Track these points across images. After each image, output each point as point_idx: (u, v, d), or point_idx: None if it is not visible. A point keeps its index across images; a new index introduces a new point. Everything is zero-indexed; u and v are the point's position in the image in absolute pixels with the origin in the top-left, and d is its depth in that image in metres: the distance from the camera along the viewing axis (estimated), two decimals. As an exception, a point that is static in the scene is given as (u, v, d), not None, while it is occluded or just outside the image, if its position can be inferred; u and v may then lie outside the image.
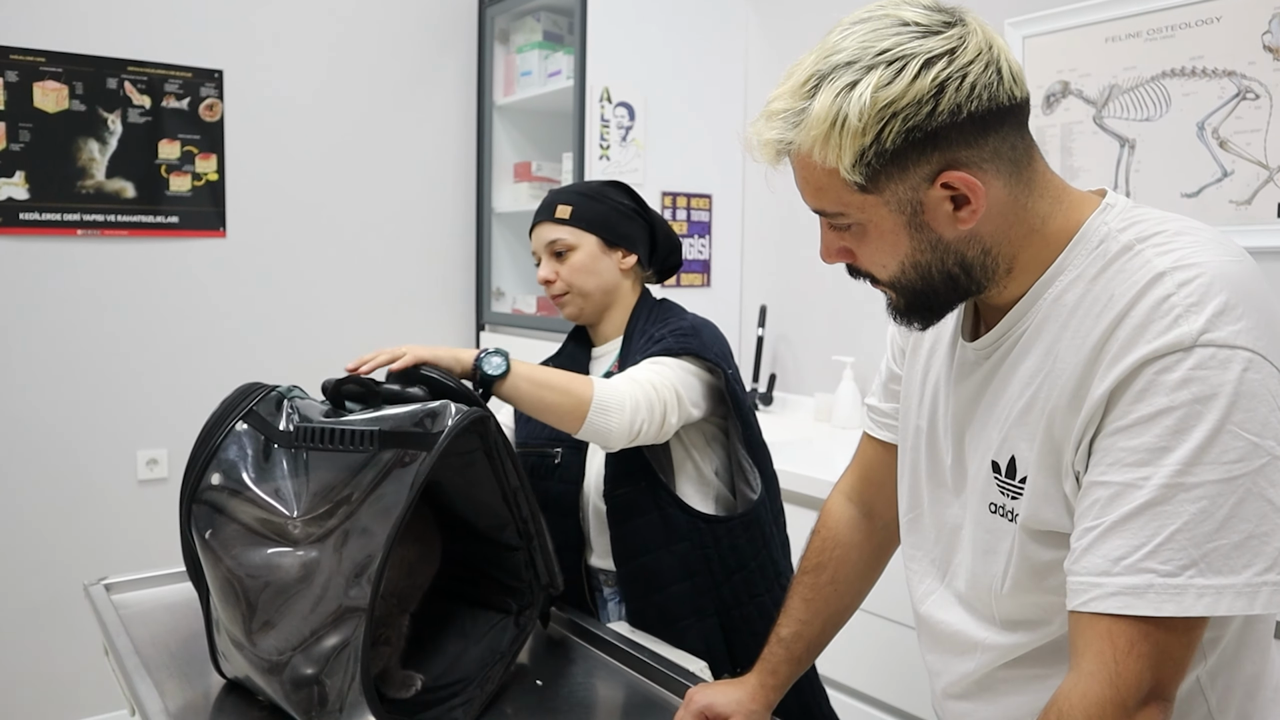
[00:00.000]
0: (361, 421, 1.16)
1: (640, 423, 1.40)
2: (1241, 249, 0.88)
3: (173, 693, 1.28)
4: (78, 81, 2.71)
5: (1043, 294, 0.92)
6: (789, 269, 3.04)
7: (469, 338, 3.41)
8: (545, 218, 1.66)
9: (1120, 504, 0.80)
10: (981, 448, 0.97)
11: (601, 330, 1.69)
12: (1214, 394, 0.78)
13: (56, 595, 2.74)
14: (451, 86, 3.31)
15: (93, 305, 2.77)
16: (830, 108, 0.84)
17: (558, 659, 1.41)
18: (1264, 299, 0.82)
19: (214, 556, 1.18)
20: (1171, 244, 0.85)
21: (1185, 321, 0.79)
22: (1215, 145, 2.09)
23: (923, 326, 0.98)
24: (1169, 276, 0.82)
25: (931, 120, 0.83)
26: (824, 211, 0.92)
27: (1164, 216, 0.90)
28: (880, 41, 0.84)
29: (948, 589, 1.07)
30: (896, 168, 0.85)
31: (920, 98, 0.83)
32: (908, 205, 0.88)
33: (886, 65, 0.83)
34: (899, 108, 0.83)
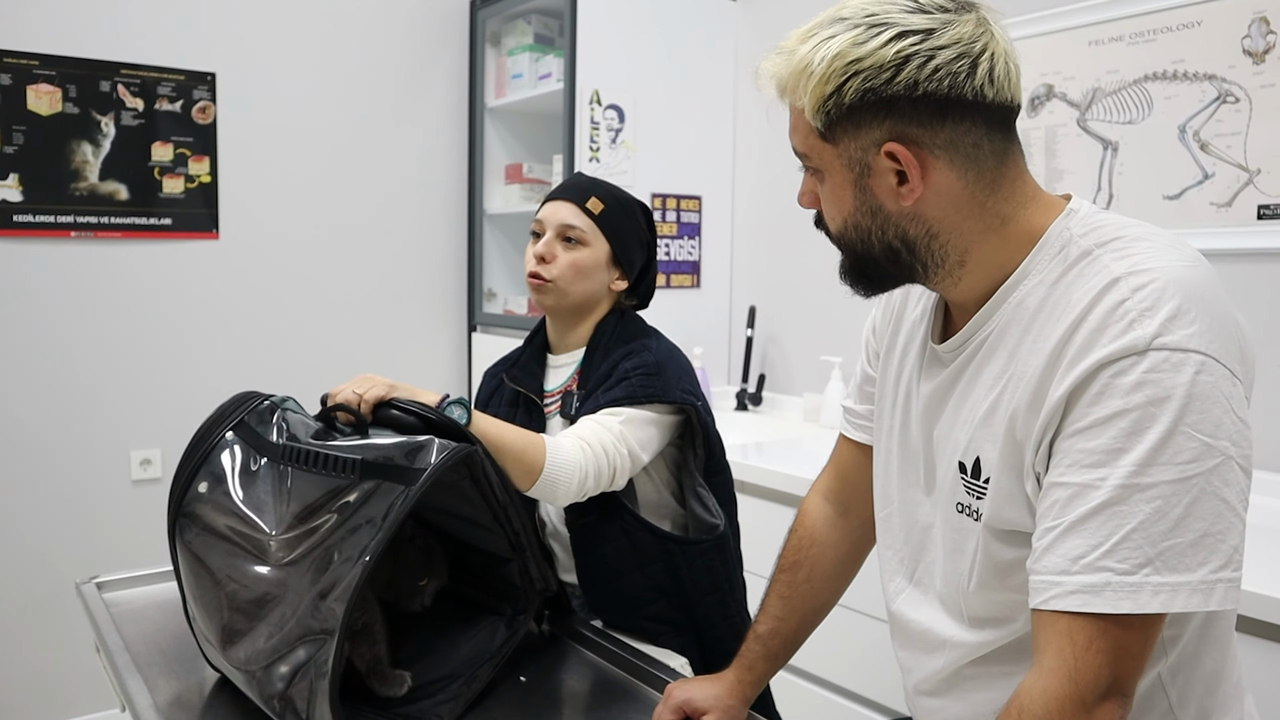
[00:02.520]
0: (346, 448, 1.16)
1: (588, 489, 1.41)
2: (1197, 254, 0.90)
3: (163, 690, 1.29)
4: (71, 84, 2.72)
5: (1007, 298, 0.94)
6: (778, 270, 3.06)
7: (460, 339, 3.43)
8: (574, 199, 1.59)
9: (1078, 504, 0.83)
10: (949, 448, 1.00)
11: (565, 338, 1.63)
12: (1167, 396, 0.80)
13: (50, 594, 2.76)
14: (443, 89, 3.33)
15: (86, 307, 2.79)
16: (809, 54, 0.91)
17: (541, 655, 1.43)
18: (1216, 303, 0.85)
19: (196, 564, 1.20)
20: (1128, 249, 0.88)
21: (1139, 325, 0.81)
22: (1196, 148, 2.11)
23: (865, 294, 1.03)
24: (1124, 281, 0.84)
25: (888, 88, 0.88)
26: (796, 151, 0.99)
27: (1124, 222, 0.93)
28: (877, 7, 0.90)
29: (916, 587, 1.09)
30: (851, 124, 0.91)
31: (882, 63, 0.88)
32: (857, 164, 0.93)
33: (867, 28, 0.89)
34: (861, 67, 0.88)
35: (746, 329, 3.03)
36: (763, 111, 3.09)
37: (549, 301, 1.59)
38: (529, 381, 1.61)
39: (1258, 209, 2.03)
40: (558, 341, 1.65)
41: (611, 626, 1.54)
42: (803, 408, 2.92)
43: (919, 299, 1.12)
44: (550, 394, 1.62)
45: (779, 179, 3.05)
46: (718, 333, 3.17)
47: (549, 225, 1.59)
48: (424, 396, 1.28)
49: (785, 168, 3.02)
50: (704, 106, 3.10)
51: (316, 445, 1.17)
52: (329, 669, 1.06)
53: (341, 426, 1.24)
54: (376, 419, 1.24)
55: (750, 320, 3.02)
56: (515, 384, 1.62)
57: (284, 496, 1.16)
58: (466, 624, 1.34)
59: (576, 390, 1.55)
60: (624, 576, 1.51)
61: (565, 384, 1.60)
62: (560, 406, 1.57)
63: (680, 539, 1.54)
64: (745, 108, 3.15)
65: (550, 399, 1.61)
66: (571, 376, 1.60)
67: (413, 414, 1.23)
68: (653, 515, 1.56)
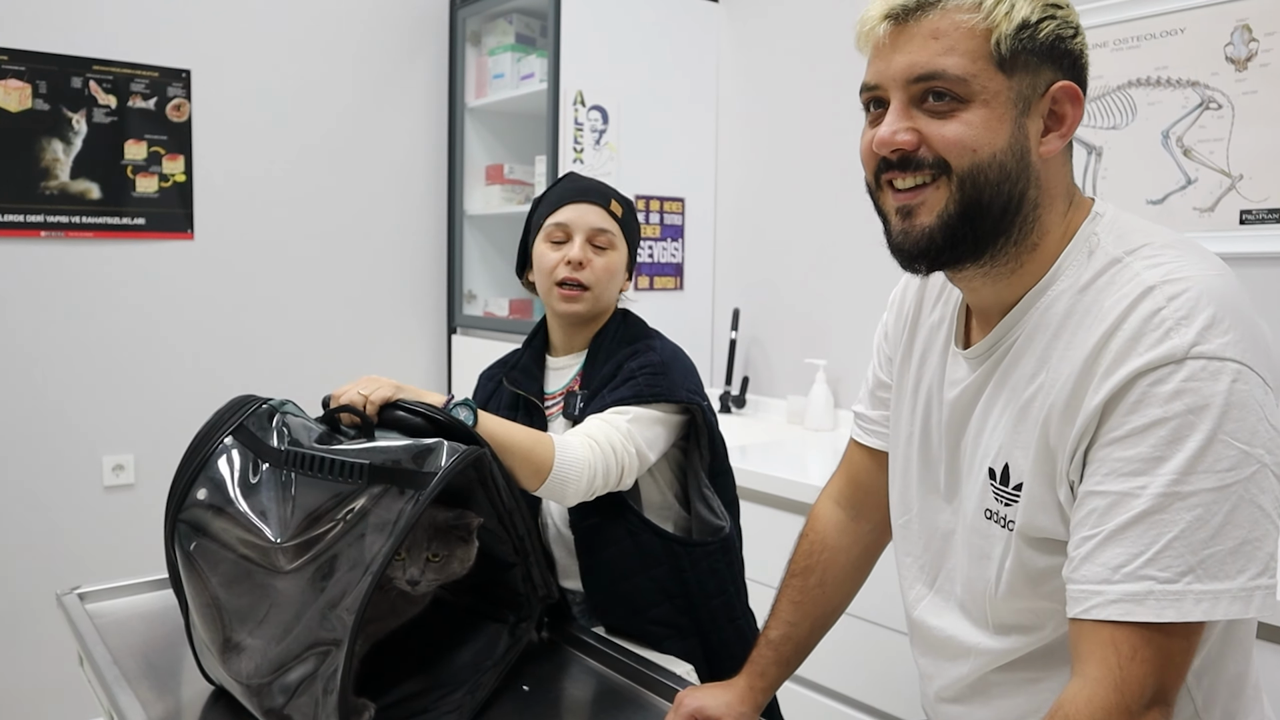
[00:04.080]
0: (352, 452, 1.13)
1: (597, 487, 1.40)
2: (1223, 264, 0.90)
3: (155, 703, 1.26)
4: (41, 80, 2.66)
5: (1036, 302, 0.94)
6: (761, 272, 3.06)
7: (440, 341, 3.39)
8: (599, 202, 1.57)
9: (1118, 513, 0.83)
10: (978, 455, 0.99)
11: (571, 341, 1.62)
12: (1206, 404, 0.80)
13: (22, 604, 2.69)
14: (422, 88, 3.30)
15: (57, 308, 2.73)
16: None
17: (545, 663, 1.41)
18: (1247, 312, 0.85)
19: (195, 573, 1.17)
20: (1158, 257, 0.88)
21: (1176, 334, 0.82)
22: (1179, 153, 2.13)
23: (926, 268, 0.97)
24: (1158, 290, 0.84)
25: (1071, 43, 0.92)
26: (936, 74, 0.91)
27: (1149, 229, 0.93)
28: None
29: (937, 594, 1.09)
30: (1034, 58, 0.90)
31: (1070, 20, 0.92)
32: (1022, 101, 0.91)
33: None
34: (1058, 14, 0.91)
35: (730, 331, 3.03)
36: (744, 113, 3.09)
37: (583, 307, 1.55)
38: (529, 385, 1.59)
39: (1240, 214, 2.06)
40: (562, 344, 1.63)
41: (615, 631, 1.53)
42: (786, 410, 2.92)
43: (934, 303, 1.11)
44: (551, 396, 1.60)
45: (762, 181, 3.04)
46: (701, 335, 3.16)
47: (578, 229, 1.55)
48: (430, 398, 1.26)
49: (767, 169, 3.02)
50: (687, 108, 3.09)
51: (321, 450, 1.14)
52: (338, 683, 1.04)
53: (346, 429, 1.21)
54: (382, 420, 1.22)
55: (734, 323, 3.02)
56: (515, 387, 1.60)
57: (288, 503, 1.13)
58: (469, 632, 1.32)
59: (579, 390, 1.54)
60: (629, 578, 1.50)
61: (566, 386, 1.59)
62: (563, 408, 1.56)
63: (685, 541, 1.53)
64: (728, 109, 3.15)
65: (551, 401, 1.60)
66: (573, 378, 1.59)
67: (419, 415, 1.21)
68: (656, 517, 1.55)
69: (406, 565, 1.16)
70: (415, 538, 1.15)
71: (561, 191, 1.59)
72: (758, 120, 3.06)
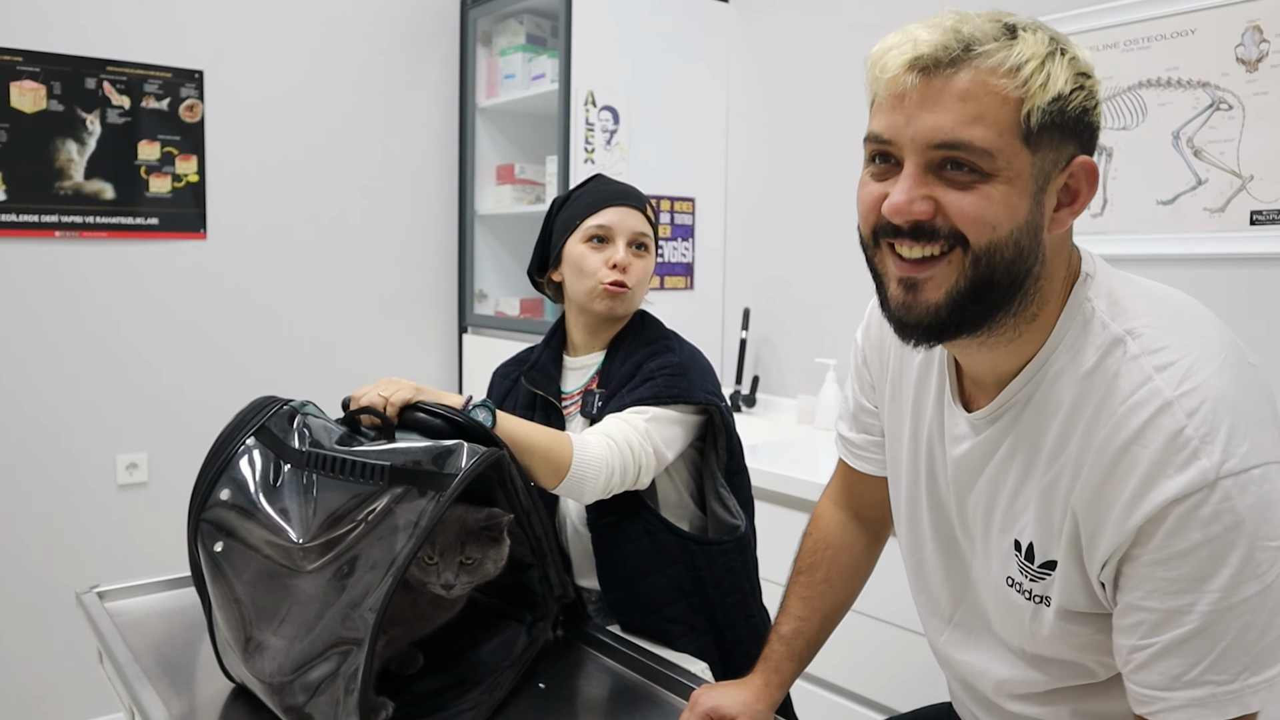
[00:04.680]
0: (373, 453, 1.15)
1: (614, 486, 1.41)
2: (1219, 328, 0.90)
3: (173, 700, 1.27)
4: (56, 81, 2.68)
5: (1036, 374, 0.93)
6: (771, 272, 3.07)
7: (451, 340, 3.41)
8: (637, 207, 1.61)
9: (1169, 628, 0.85)
10: (996, 522, 0.99)
11: (593, 340, 1.64)
12: (1241, 520, 0.82)
13: (37, 600, 2.71)
14: (433, 88, 3.31)
15: (71, 308, 2.75)
16: (1047, 45, 0.84)
17: (560, 661, 1.42)
18: (1255, 394, 0.86)
19: (219, 573, 1.18)
20: (1163, 346, 0.87)
21: (1204, 455, 0.82)
22: (1190, 154, 2.14)
23: (926, 345, 0.93)
24: (1176, 406, 0.84)
25: (1093, 114, 0.87)
26: (962, 145, 0.84)
27: (1138, 291, 0.92)
28: (1055, 29, 0.88)
29: (958, 629, 1.10)
30: (1059, 133, 0.86)
31: (1095, 90, 0.87)
32: (1043, 177, 0.86)
33: (1071, 43, 0.87)
34: (1086, 84, 0.86)
35: (740, 331, 3.04)
36: (755, 113, 3.10)
37: (624, 308, 1.59)
38: (547, 384, 1.61)
39: (1250, 214, 2.06)
40: (582, 344, 1.65)
41: (630, 629, 1.54)
42: (797, 409, 2.93)
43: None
44: (568, 396, 1.62)
45: (772, 181, 3.05)
46: (711, 335, 3.17)
47: (620, 232, 1.58)
48: (449, 399, 1.27)
49: (777, 169, 3.03)
50: (698, 108, 3.10)
51: (342, 451, 1.15)
52: (359, 682, 1.05)
53: (366, 430, 1.23)
54: (402, 422, 1.24)
55: (744, 322, 3.03)
56: (534, 386, 1.61)
57: (309, 504, 1.14)
58: (486, 631, 1.33)
59: (597, 390, 1.55)
60: (645, 576, 1.51)
61: (584, 385, 1.61)
62: (581, 406, 1.57)
63: (701, 540, 1.55)
64: (738, 109, 3.16)
65: (568, 401, 1.61)
66: (591, 378, 1.61)
67: (439, 417, 1.23)
68: (672, 516, 1.57)
69: (440, 569, 1.17)
70: (448, 541, 1.16)
71: (600, 193, 1.61)
72: (768, 120, 3.07)
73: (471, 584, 1.21)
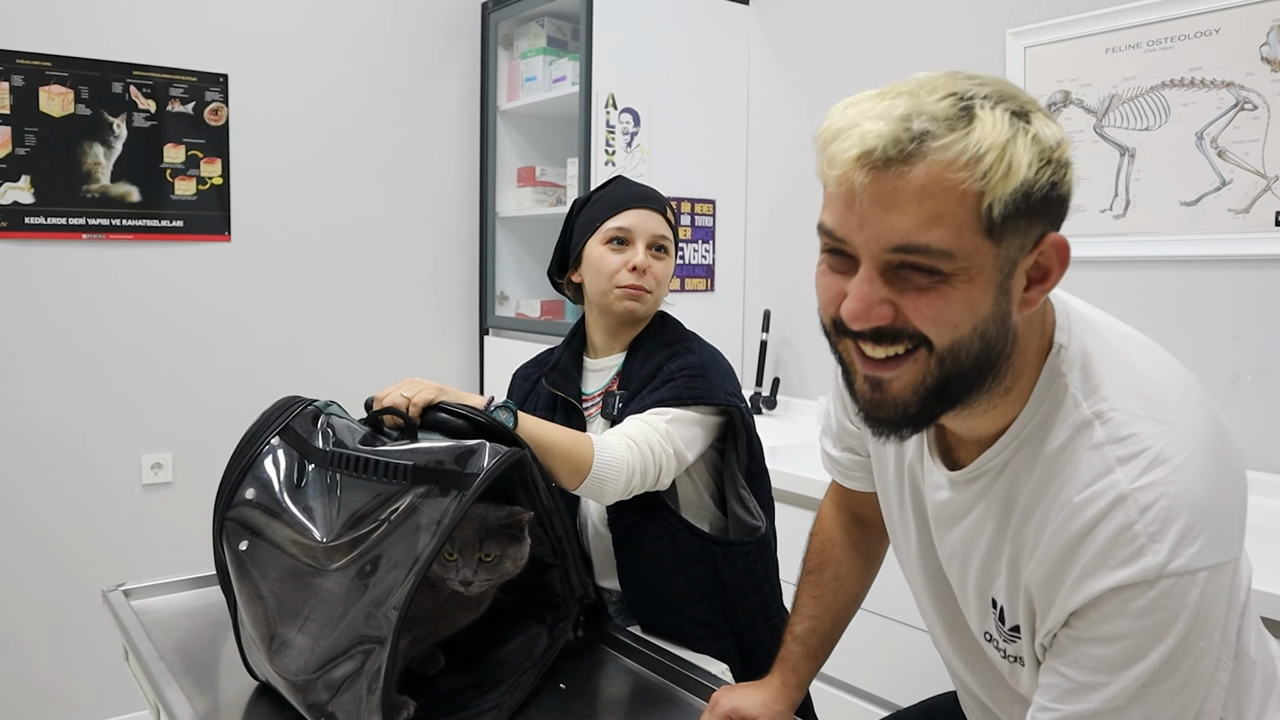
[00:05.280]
0: (396, 453, 1.16)
1: (634, 487, 1.42)
2: (1204, 415, 0.87)
3: (197, 697, 1.29)
4: (83, 85, 2.71)
5: (1010, 444, 0.92)
6: (792, 273, 3.07)
7: (472, 342, 3.42)
8: (657, 209, 1.61)
9: (1076, 700, 0.85)
10: (972, 576, 0.99)
11: (613, 342, 1.64)
12: (1174, 619, 0.80)
13: (64, 600, 2.74)
14: (455, 91, 3.33)
15: (97, 309, 2.78)
16: (1008, 126, 0.77)
17: (581, 662, 1.43)
18: (1223, 489, 0.83)
19: (244, 571, 1.20)
20: (1131, 434, 0.84)
21: (1148, 553, 0.80)
22: (1214, 155, 2.12)
23: (901, 435, 0.89)
24: (1130, 501, 0.82)
25: (1062, 186, 0.80)
26: (919, 249, 0.79)
27: (1122, 366, 0.89)
28: (1018, 92, 0.80)
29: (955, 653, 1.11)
30: (1025, 218, 0.79)
31: (1064, 159, 0.79)
32: (1008, 265, 0.81)
33: (1037, 110, 0.79)
34: (1053, 157, 0.78)
35: (761, 333, 3.04)
36: (775, 114, 3.10)
37: (644, 308, 1.59)
38: (568, 386, 1.61)
39: (1275, 215, 2.04)
40: (602, 345, 1.65)
41: (650, 630, 1.55)
42: (817, 411, 2.92)
43: None
44: (589, 397, 1.62)
45: (792, 182, 3.05)
46: (731, 337, 3.17)
47: (639, 235, 1.59)
48: (471, 400, 1.28)
49: (797, 171, 3.03)
50: (718, 110, 3.10)
51: (365, 451, 1.17)
52: (381, 680, 1.06)
53: (389, 430, 1.24)
54: (424, 422, 1.25)
55: (765, 324, 3.03)
56: (554, 388, 1.62)
57: (333, 503, 1.15)
58: (507, 631, 1.34)
59: (618, 391, 1.56)
60: (665, 577, 1.52)
61: (605, 387, 1.61)
62: (601, 408, 1.58)
63: (722, 540, 1.55)
64: (758, 111, 3.16)
65: (589, 402, 1.61)
66: (612, 379, 1.61)
67: (461, 417, 1.24)
68: (693, 516, 1.57)
69: (459, 566, 1.17)
70: (467, 538, 1.17)
71: (620, 195, 1.62)
72: (788, 121, 3.07)
73: (491, 582, 1.21)
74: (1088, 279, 2.35)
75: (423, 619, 1.22)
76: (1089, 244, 2.33)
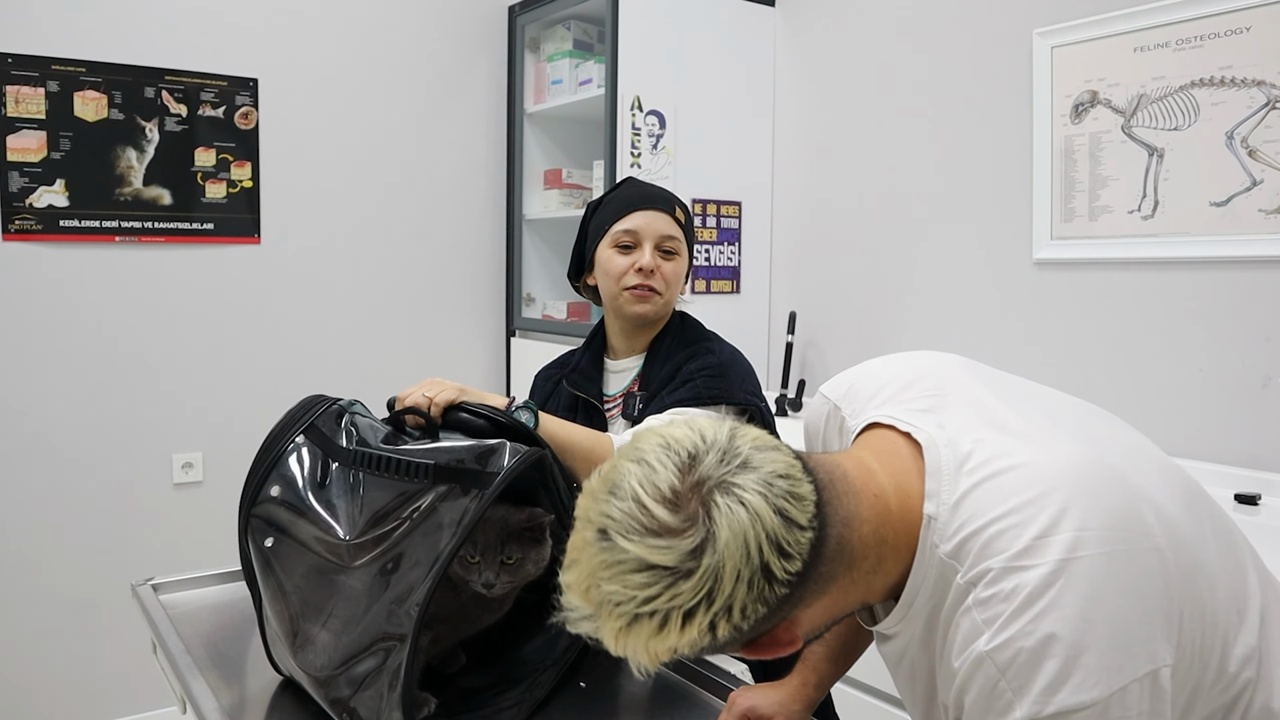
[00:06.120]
0: (418, 452, 1.16)
1: None
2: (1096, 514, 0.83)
3: (223, 691, 1.31)
4: (116, 91, 2.76)
5: (905, 612, 0.91)
6: (817, 275, 3.06)
7: (499, 343, 3.44)
8: (665, 210, 1.59)
9: None
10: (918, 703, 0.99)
11: (632, 344, 1.64)
12: None
13: (96, 595, 2.79)
14: (482, 94, 3.35)
15: (130, 311, 2.82)
16: (617, 640, 0.81)
17: (600, 661, 1.43)
18: (1112, 613, 0.81)
19: (269, 568, 1.21)
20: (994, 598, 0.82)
21: (1017, 707, 0.79)
22: (1244, 154, 2.10)
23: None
24: (989, 662, 0.81)
25: (716, 642, 0.81)
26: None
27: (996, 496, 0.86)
28: (638, 591, 0.79)
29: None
30: (705, 657, 0.86)
31: (694, 639, 0.79)
32: (735, 644, 0.84)
33: (650, 617, 0.79)
34: (679, 646, 0.80)
35: (786, 334, 3.03)
36: (801, 116, 3.10)
37: (653, 310, 1.58)
38: (589, 387, 1.62)
39: (1308, 216, 2.02)
40: (622, 347, 1.66)
41: None
42: (841, 414, 2.91)
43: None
44: (610, 398, 1.63)
45: (818, 184, 3.05)
46: (757, 338, 3.17)
47: (647, 236, 1.58)
48: (493, 400, 1.29)
49: (823, 172, 3.02)
50: (744, 112, 3.11)
51: (387, 450, 1.18)
52: (402, 677, 1.07)
53: (411, 430, 1.25)
54: (446, 422, 1.26)
55: (790, 326, 3.02)
56: (575, 389, 1.62)
57: (356, 501, 1.16)
58: (529, 630, 1.35)
59: (638, 391, 1.56)
60: None
61: (626, 388, 1.61)
62: (622, 409, 1.58)
63: None
64: (784, 112, 3.16)
65: (611, 403, 1.62)
66: (632, 380, 1.61)
67: (482, 417, 1.24)
68: None
69: (481, 568, 1.18)
70: (489, 540, 1.18)
71: (627, 198, 1.61)
72: (814, 123, 3.06)
73: (513, 584, 1.22)
74: (1115, 280, 2.33)
75: (445, 618, 1.23)
76: (1116, 245, 2.31)
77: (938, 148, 2.70)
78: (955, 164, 2.67)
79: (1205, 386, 2.19)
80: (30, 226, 2.67)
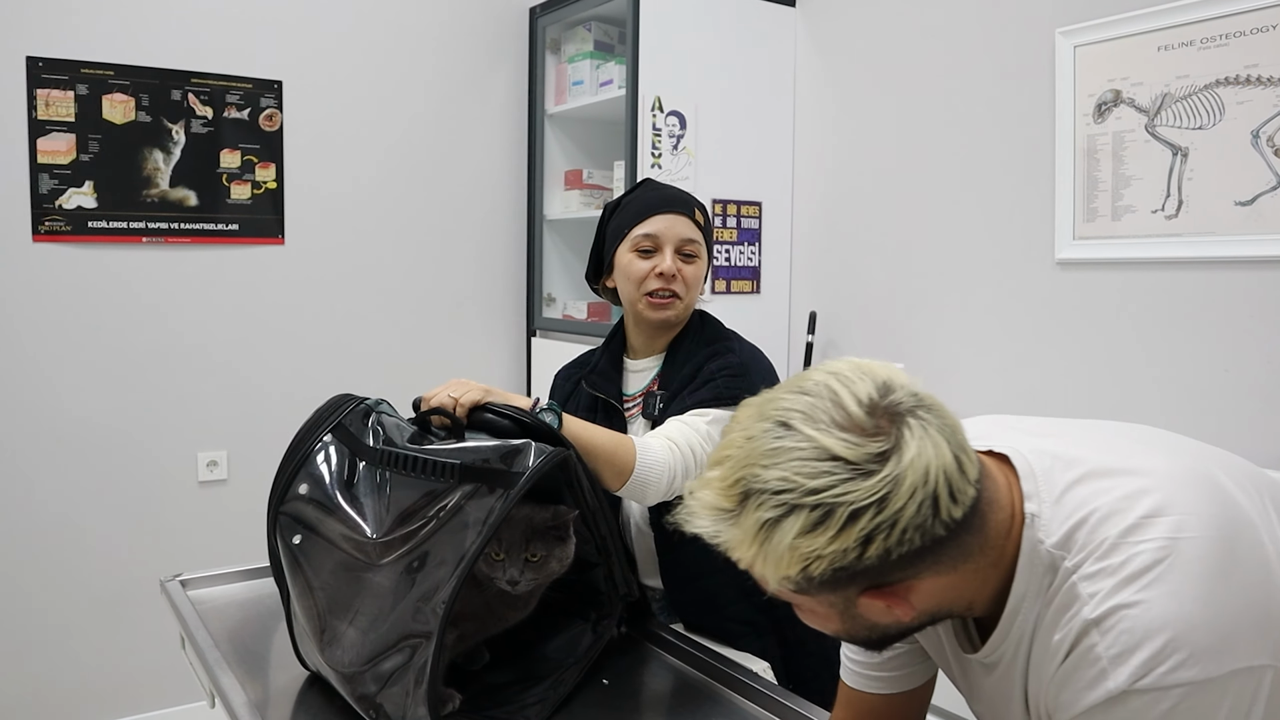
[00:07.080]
0: (444, 452, 1.18)
1: (677, 488, 1.42)
2: (1192, 519, 0.83)
3: (250, 685, 1.32)
4: (144, 93, 2.79)
5: (1013, 623, 0.90)
6: (838, 276, 3.06)
7: (520, 343, 3.46)
8: (684, 213, 1.60)
9: None
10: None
11: (652, 344, 1.65)
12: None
13: (121, 593, 2.82)
14: (503, 95, 3.37)
15: (156, 311, 2.86)
16: (756, 536, 0.82)
17: (624, 658, 1.44)
18: (1215, 600, 0.80)
19: (297, 565, 1.23)
20: (1102, 571, 0.83)
21: (1110, 677, 0.79)
22: (1270, 153, 2.09)
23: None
24: (1094, 630, 0.81)
25: (859, 563, 0.80)
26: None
27: (1099, 488, 0.87)
28: (808, 480, 0.79)
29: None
30: (825, 588, 0.84)
31: (846, 548, 0.79)
32: (840, 602, 0.86)
33: (810, 510, 0.79)
34: (824, 554, 0.80)
35: (807, 335, 3.03)
36: (822, 116, 3.10)
37: (673, 313, 1.59)
38: (608, 387, 1.63)
39: (1335, 215, 2.00)
40: (641, 347, 1.66)
41: (693, 628, 1.56)
42: (862, 414, 2.91)
43: None
44: (630, 398, 1.63)
45: (839, 185, 3.04)
46: (777, 339, 3.17)
47: (667, 240, 1.58)
48: (517, 401, 1.30)
49: (844, 172, 3.02)
50: (764, 112, 3.11)
51: (414, 449, 1.19)
52: (427, 674, 1.08)
53: (436, 430, 1.26)
54: (471, 422, 1.27)
55: (810, 326, 3.02)
56: (594, 390, 1.63)
57: (383, 500, 1.18)
58: (553, 628, 1.36)
59: (658, 391, 1.57)
60: (707, 576, 1.52)
61: (645, 387, 1.62)
62: (642, 408, 1.59)
63: None
64: (805, 113, 3.16)
65: (630, 403, 1.63)
66: (652, 380, 1.62)
67: (507, 417, 1.25)
68: None
69: (506, 566, 1.19)
70: (513, 538, 1.19)
71: (646, 201, 1.62)
72: (835, 123, 3.06)
73: (537, 581, 1.23)
74: (1138, 281, 2.32)
75: (470, 616, 1.25)
76: (1139, 245, 2.30)
77: (959, 147, 2.70)
78: (977, 164, 2.66)
79: (1230, 387, 2.17)
80: (59, 228, 2.71)
